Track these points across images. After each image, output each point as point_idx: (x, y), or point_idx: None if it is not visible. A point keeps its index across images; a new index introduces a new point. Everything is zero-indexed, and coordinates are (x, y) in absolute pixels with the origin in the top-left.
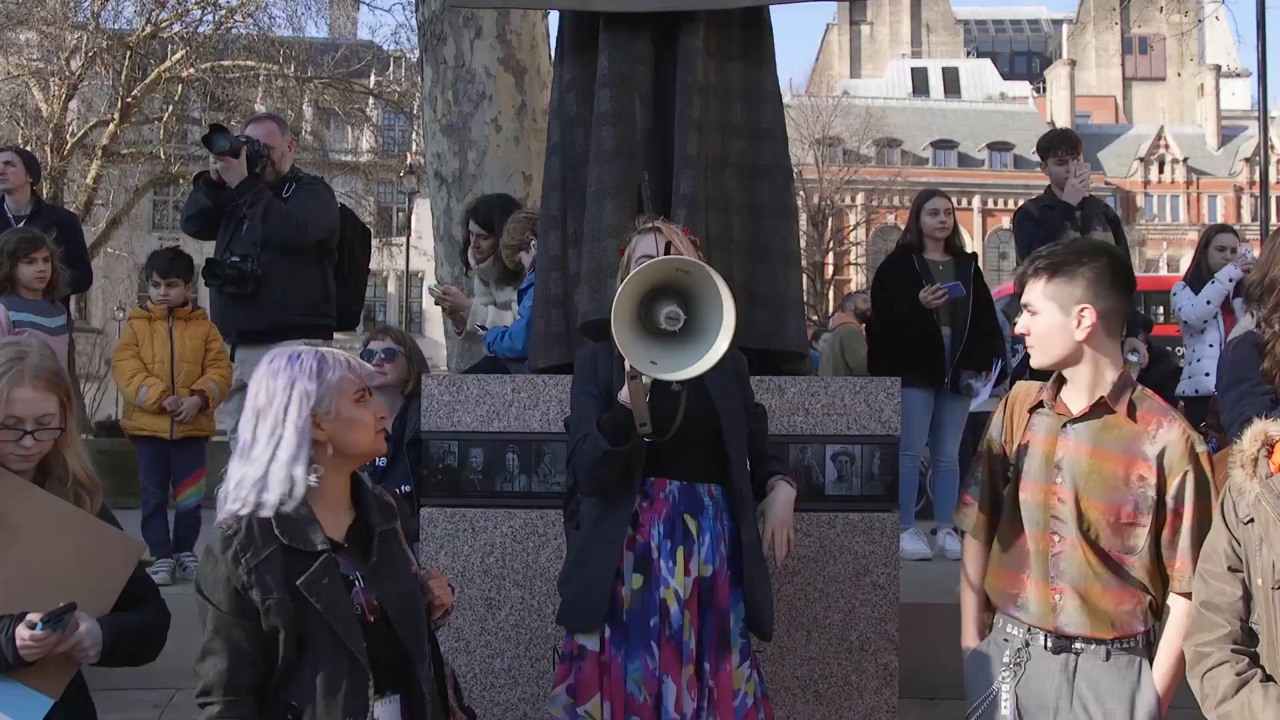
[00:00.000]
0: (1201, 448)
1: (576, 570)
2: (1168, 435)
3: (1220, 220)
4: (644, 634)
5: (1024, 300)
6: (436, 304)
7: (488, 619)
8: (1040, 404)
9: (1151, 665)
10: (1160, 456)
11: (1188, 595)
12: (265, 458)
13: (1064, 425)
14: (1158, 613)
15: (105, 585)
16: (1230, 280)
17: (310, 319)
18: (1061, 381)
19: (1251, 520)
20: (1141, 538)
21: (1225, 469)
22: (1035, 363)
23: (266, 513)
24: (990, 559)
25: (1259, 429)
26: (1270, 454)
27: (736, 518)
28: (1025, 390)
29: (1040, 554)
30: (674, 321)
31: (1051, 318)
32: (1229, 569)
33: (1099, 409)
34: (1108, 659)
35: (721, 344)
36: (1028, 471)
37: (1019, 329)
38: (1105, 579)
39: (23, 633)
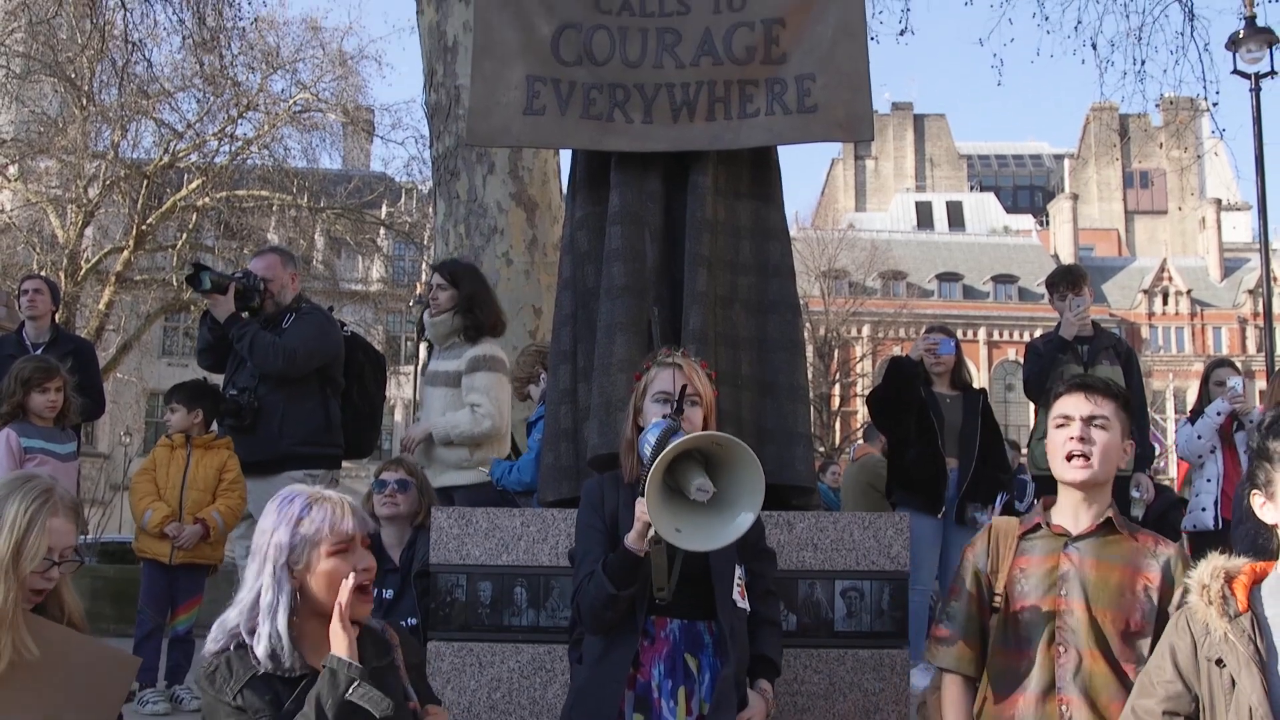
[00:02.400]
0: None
1: (578, 708)
2: (1168, 551)
3: (1225, 352)
4: None
5: (1096, 412)
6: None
7: None
8: (1035, 528)
9: None
10: (1165, 569)
11: None
12: (250, 600)
13: (1066, 544)
14: None
15: (106, 703)
16: (1219, 414)
17: (310, 449)
18: (1046, 509)
19: (1221, 661)
20: (1146, 647)
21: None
22: (1085, 475)
23: (259, 665)
24: (980, 689)
25: (1216, 564)
26: (1232, 590)
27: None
28: (1007, 523)
29: (1045, 667)
30: (704, 494)
31: (1117, 438)
32: (1166, 712)
33: (1103, 529)
34: None
35: (747, 520)
36: (1024, 592)
37: (1075, 434)
38: (1111, 689)
39: None
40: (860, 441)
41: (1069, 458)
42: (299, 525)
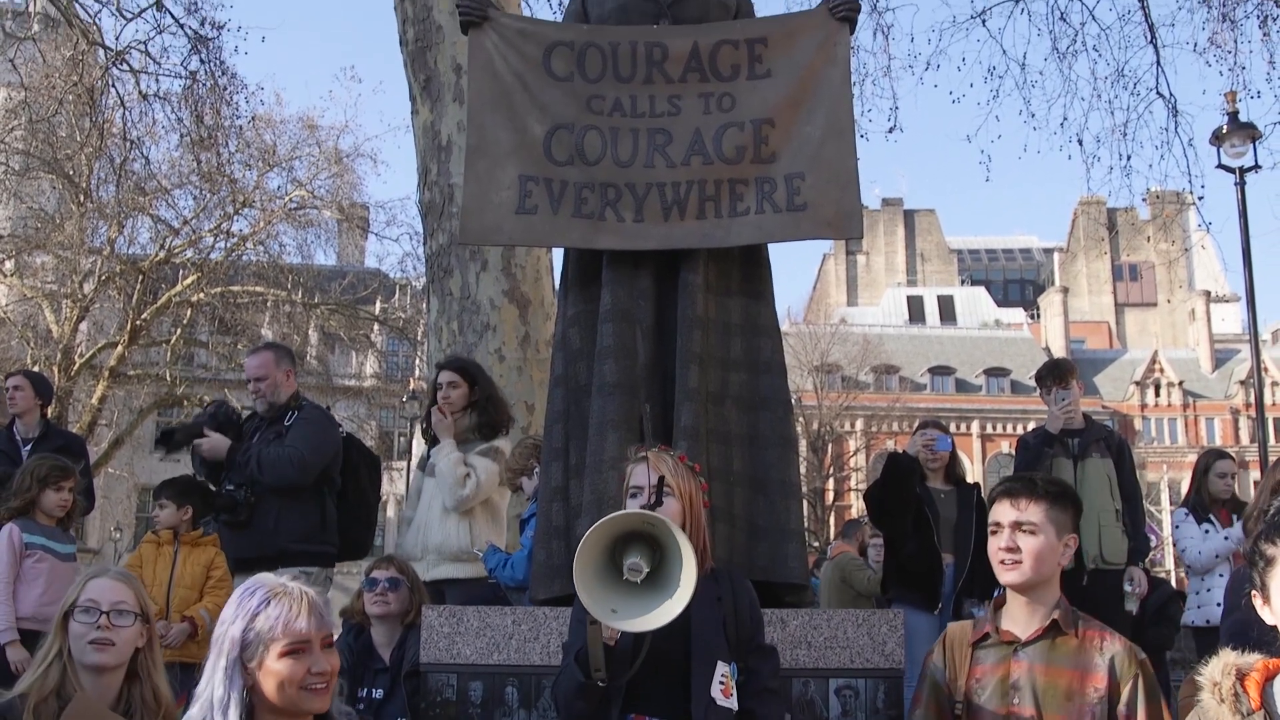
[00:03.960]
0: (1143, 655)
1: None
2: (1114, 646)
3: (1219, 443)
4: None
5: (1021, 518)
6: None
7: None
8: (985, 637)
9: None
10: (1110, 668)
11: None
12: (205, 695)
13: (1015, 650)
14: None
15: None
16: (1239, 542)
17: (305, 546)
18: (996, 611)
19: None
20: None
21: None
22: (1017, 579)
23: None
24: None
25: (1228, 661)
26: (1244, 688)
27: None
28: (960, 629)
29: None
30: (636, 573)
31: (1049, 540)
32: None
33: (1050, 631)
34: None
35: (676, 605)
36: (984, 701)
37: (1003, 544)
38: None
39: None
40: (837, 540)
41: (1001, 563)
42: (254, 620)
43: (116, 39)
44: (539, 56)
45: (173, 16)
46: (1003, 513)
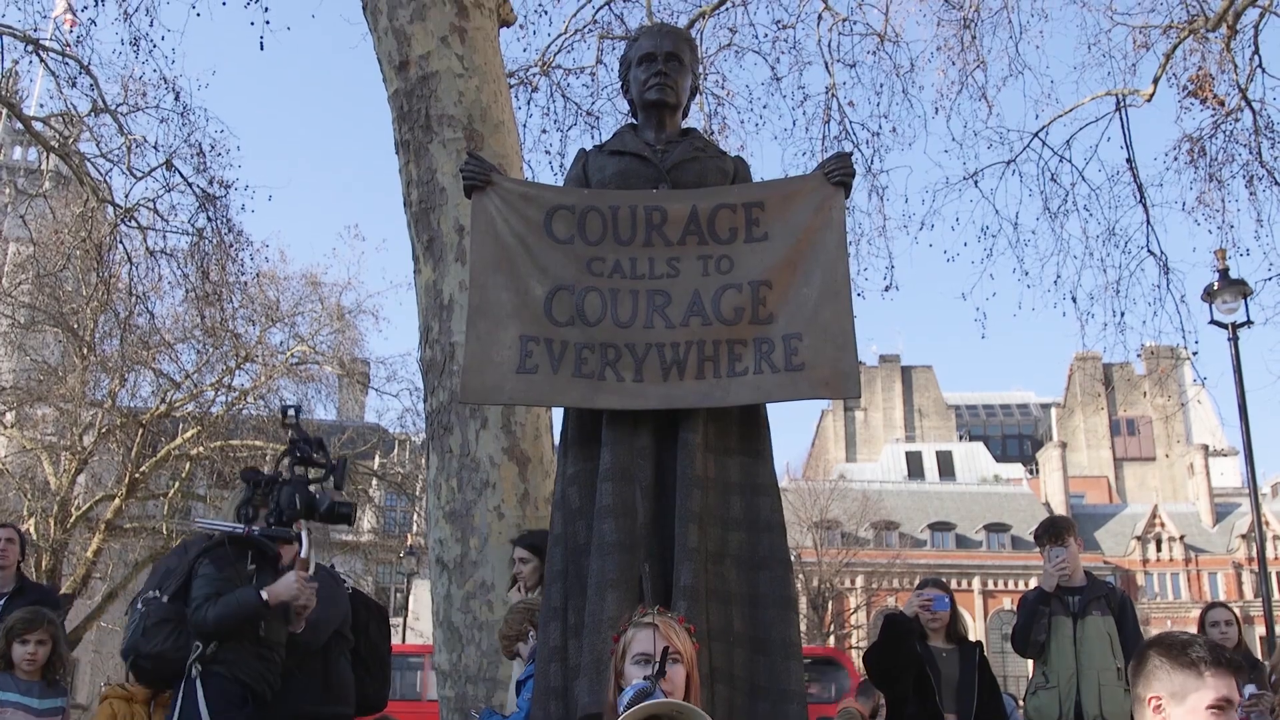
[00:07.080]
0: None
1: None
2: None
3: (1222, 597)
4: None
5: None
6: None
7: None
8: None
9: None
10: None
11: None
12: None
13: None
14: None
15: None
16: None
17: (315, 709)
18: None
19: None
20: None
21: None
22: None
23: None
24: None
25: None
26: None
27: None
28: None
29: None
30: None
31: None
32: None
33: None
34: None
35: None
36: None
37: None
38: None
39: None
40: (850, 697)
41: None
42: None
43: (126, 196)
44: (541, 219)
45: (182, 175)
46: (1231, 689)
